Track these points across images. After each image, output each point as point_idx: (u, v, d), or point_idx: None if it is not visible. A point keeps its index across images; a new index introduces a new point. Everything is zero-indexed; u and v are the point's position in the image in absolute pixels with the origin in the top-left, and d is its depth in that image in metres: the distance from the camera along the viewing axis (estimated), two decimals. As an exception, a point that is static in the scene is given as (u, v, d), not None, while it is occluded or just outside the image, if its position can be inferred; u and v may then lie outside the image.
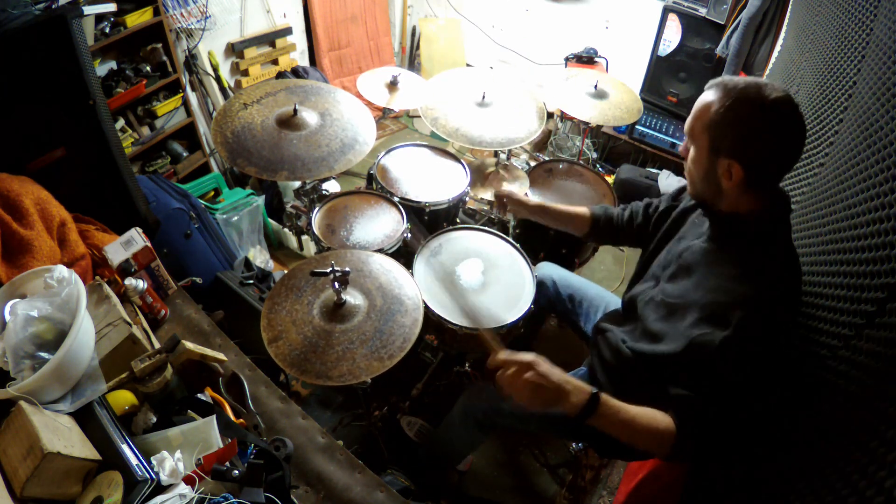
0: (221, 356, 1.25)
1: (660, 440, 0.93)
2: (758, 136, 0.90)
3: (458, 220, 2.01)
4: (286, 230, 2.60)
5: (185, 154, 2.64)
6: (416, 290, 1.35)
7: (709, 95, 0.95)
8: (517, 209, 1.57)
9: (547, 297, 1.65)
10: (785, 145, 0.92)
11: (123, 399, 1.06)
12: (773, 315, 0.92)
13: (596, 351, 1.31)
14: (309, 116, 1.62)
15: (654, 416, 0.95)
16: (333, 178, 2.54)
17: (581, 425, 0.93)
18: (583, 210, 1.49)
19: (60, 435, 0.90)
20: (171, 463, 0.91)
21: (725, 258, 0.99)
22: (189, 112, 2.61)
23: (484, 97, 1.93)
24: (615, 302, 1.53)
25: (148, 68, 2.33)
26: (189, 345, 1.15)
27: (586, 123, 2.23)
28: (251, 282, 1.95)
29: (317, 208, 1.74)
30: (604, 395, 0.94)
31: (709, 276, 1.00)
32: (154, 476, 0.89)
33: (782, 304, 0.94)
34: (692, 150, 1.01)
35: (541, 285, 1.59)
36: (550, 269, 1.68)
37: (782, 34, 2.16)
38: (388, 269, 1.39)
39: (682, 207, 1.21)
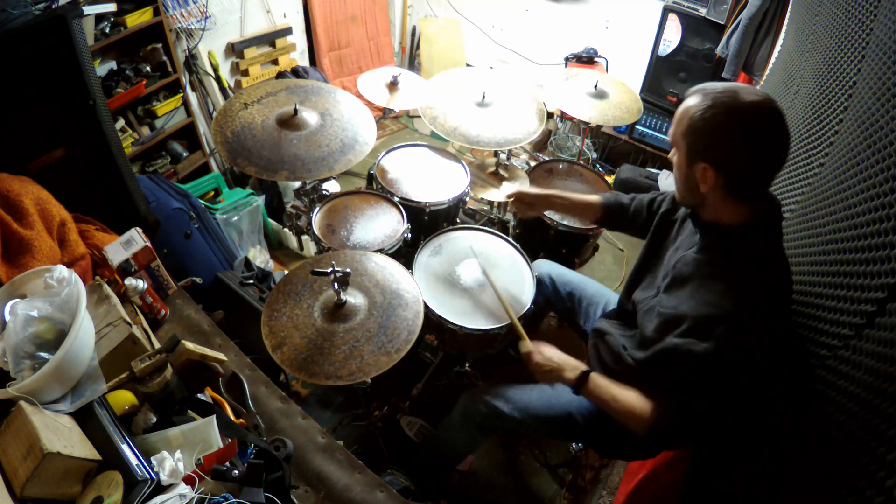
0: (221, 356, 1.25)
1: (635, 422, 1.05)
2: (730, 139, 0.90)
3: (458, 220, 2.01)
4: (286, 230, 2.60)
5: (185, 154, 2.63)
6: (412, 283, 1.36)
7: (689, 102, 0.96)
8: (524, 210, 1.54)
9: (545, 295, 1.64)
10: (762, 150, 0.90)
11: (123, 399, 1.06)
12: (756, 330, 0.93)
13: (595, 352, 1.31)
14: (309, 116, 1.62)
15: (633, 401, 1.06)
16: (333, 178, 2.54)
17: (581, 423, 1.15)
18: (594, 198, 1.46)
19: (60, 435, 0.90)
20: (171, 463, 0.91)
21: (715, 271, 0.99)
22: (189, 112, 2.61)
23: (484, 97, 1.93)
24: (615, 299, 1.52)
25: (148, 68, 2.33)
26: (189, 345, 1.15)
27: (586, 123, 2.24)
28: (251, 282, 1.95)
29: (317, 208, 1.74)
30: (593, 374, 1.14)
31: (700, 289, 1.00)
32: (154, 476, 0.89)
33: (767, 319, 0.95)
34: (675, 157, 1.03)
35: (539, 283, 1.59)
36: (548, 267, 1.67)
37: (782, 34, 2.16)
38: (382, 266, 1.40)
39: (683, 215, 1.21)
